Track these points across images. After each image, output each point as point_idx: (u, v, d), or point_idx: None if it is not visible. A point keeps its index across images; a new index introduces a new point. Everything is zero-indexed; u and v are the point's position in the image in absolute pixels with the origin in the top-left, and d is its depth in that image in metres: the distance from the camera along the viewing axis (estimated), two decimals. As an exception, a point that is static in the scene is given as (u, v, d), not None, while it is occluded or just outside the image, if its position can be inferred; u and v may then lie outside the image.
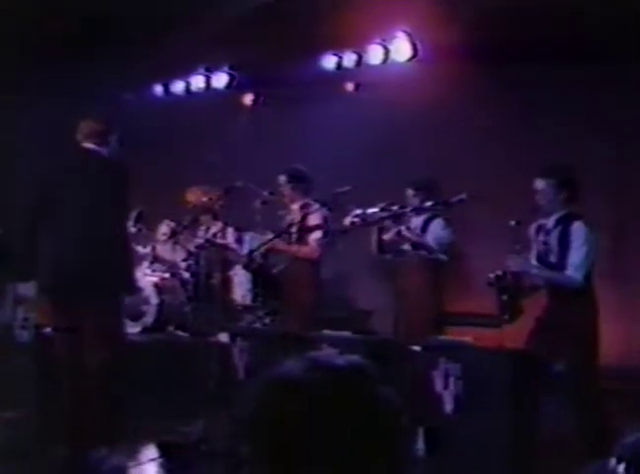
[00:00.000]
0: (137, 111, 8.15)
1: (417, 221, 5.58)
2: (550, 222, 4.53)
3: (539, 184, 4.49)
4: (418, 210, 5.43)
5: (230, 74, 7.82)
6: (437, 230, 5.50)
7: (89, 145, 4.54)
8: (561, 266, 4.41)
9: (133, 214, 6.80)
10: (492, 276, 4.56)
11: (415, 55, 6.68)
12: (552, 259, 4.47)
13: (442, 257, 5.40)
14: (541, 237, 4.55)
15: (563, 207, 4.49)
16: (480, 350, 4.46)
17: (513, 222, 4.51)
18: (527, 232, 4.61)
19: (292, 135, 7.40)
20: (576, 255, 4.37)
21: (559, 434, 4.33)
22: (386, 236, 5.56)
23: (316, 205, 5.76)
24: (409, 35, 6.66)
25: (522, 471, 4.17)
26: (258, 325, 5.94)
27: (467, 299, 6.14)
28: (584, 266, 4.36)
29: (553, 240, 4.48)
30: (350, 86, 7.40)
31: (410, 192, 5.55)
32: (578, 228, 4.41)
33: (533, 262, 4.52)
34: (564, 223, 4.46)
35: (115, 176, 4.54)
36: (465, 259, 6.60)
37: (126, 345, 4.88)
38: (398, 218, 5.43)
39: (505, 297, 4.45)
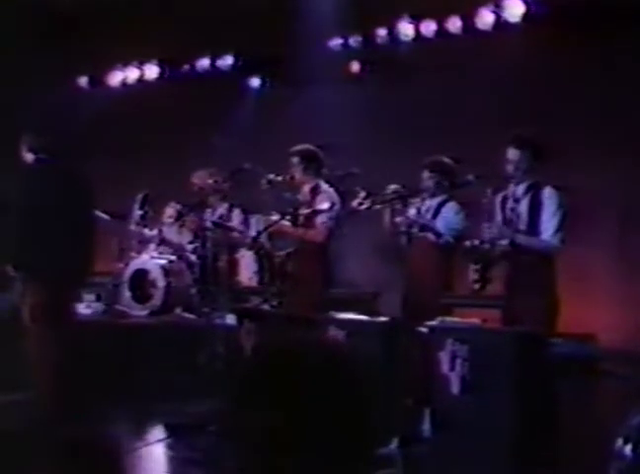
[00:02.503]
0: (142, 93, 8.14)
1: (431, 204, 5.48)
2: (519, 190, 4.66)
3: (513, 153, 4.59)
4: (426, 193, 5.38)
5: (235, 56, 7.77)
6: (449, 214, 5.38)
7: (39, 156, 4.78)
8: (532, 232, 4.58)
9: (139, 197, 6.81)
10: (468, 244, 4.62)
11: (419, 36, 6.66)
12: (521, 226, 4.62)
13: (451, 239, 5.34)
14: (509, 205, 4.67)
15: (533, 176, 4.63)
16: (487, 331, 4.45)
17: (489, 191, 4.64)
18: (493, 202, 4.72)
19: (299, 117, 7.35)
20: (551, 221, 4.56)
21: (568, 415, 4.32)
22: (399, 218, 5.51)
23: (325, 187, 5.73)
24: (414, 16, 6.64)
25: (528, 453, 4.17)
26: (265, 307, 5.92)
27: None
28: (560, 231, 4.56)
29: (523, 207, 4.64)
30: (355, 66, 7.34)
31: (425, 173, 5.42)
32: (550, 194, 4.59)
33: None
34: (534, 190, 4.62)
35: (73, 185, 4.93)
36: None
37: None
38: (406, 200, 5.39)
39: (477, 266, 4.53)
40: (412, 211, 5.44)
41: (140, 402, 5.15)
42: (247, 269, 6.22)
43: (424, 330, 4.54)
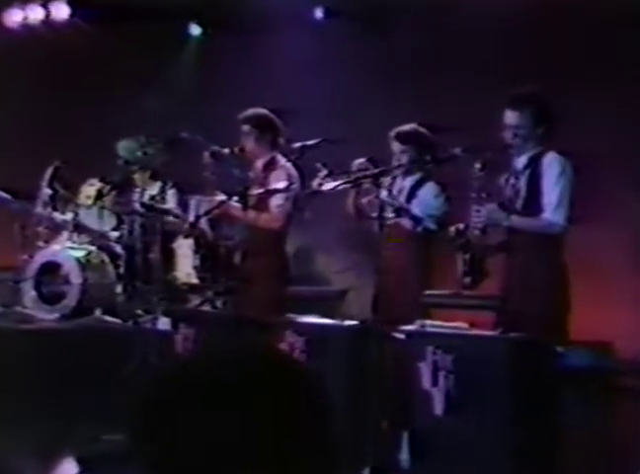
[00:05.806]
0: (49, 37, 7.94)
1: (403, 184, 5.49)
2: (520, 163, 4.58)
3: (511, 117, 4.51)
4: (402, 169, 5.34)
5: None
6: (427, 197, 5.42)
7: None
8: (532, 211, 4.50)
9: (48, 172, 6.76)
10: (452, 229, 4.67)
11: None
12: (519, 205, 4.55)
13: (431, 226, 5.32)
14: (511, 181, 4.62)
15: (538, 144, 4.53)
16: (476, 337, 4.46)
17: (477, 165, 4.52)
18: (498, 180, 4.69)
19: (250, 74, 7.29)
20: (552, 193, 4.46)
21: (579, 439, 4.33)
22: (365, 199, 5.48)
23: (283, 161, 5.70)
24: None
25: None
26: (206, 308, 5.97)
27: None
28: (563, 205, 4.47)
29: (522, 183, 4.56)
30: (319, 13, 7.27)
31: (396, 146, 5.40)
32: (551, 161, 4.49)
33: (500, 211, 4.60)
34: (536, 162, 4.53)
35: None
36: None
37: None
38: (377, 179, 5.33)
39: (466, 256, 4.49)
40: (383, 192, 5.38)
41: (49, 427, 5.06)
42: (185, 261, 6.19)
43: (400, 336, 4.54)
